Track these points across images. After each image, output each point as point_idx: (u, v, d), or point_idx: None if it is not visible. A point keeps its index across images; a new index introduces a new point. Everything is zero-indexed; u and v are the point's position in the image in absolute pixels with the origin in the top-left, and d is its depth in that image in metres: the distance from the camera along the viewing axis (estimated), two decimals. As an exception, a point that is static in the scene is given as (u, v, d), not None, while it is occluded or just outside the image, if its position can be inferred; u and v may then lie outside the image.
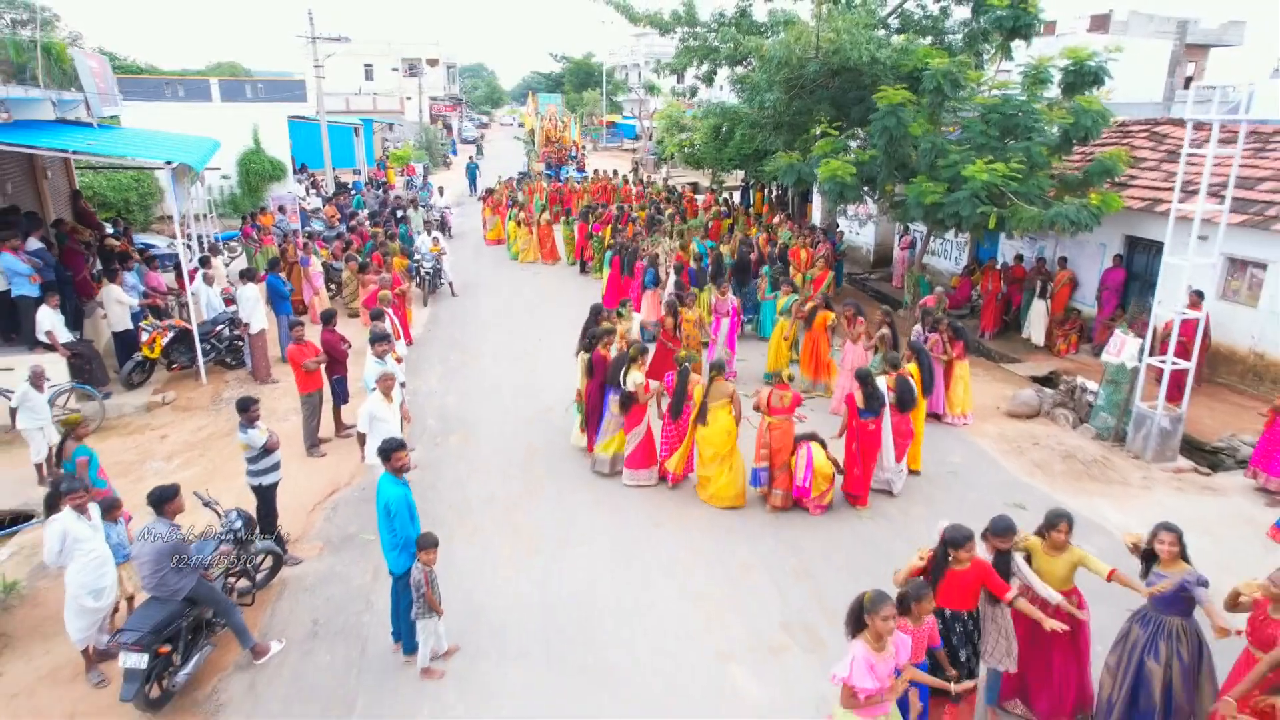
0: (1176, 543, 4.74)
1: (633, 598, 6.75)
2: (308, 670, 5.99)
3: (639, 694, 5.66)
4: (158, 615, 5.51)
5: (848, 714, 4.32)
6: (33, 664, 6.10)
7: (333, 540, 7.71)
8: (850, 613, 4.31)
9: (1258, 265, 11.28)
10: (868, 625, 4.19)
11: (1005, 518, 4.97)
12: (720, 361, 8.59)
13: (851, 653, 4.19)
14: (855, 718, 4.28)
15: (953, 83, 12.10)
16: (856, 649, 4.19)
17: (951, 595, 4.86)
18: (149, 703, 5.54)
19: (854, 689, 4.13)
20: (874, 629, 4.17)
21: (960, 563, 4.80)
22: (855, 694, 4.16)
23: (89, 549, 5.86)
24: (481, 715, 5.49)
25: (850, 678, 4.13)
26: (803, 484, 7.92)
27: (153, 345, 11.31)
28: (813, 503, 8.01)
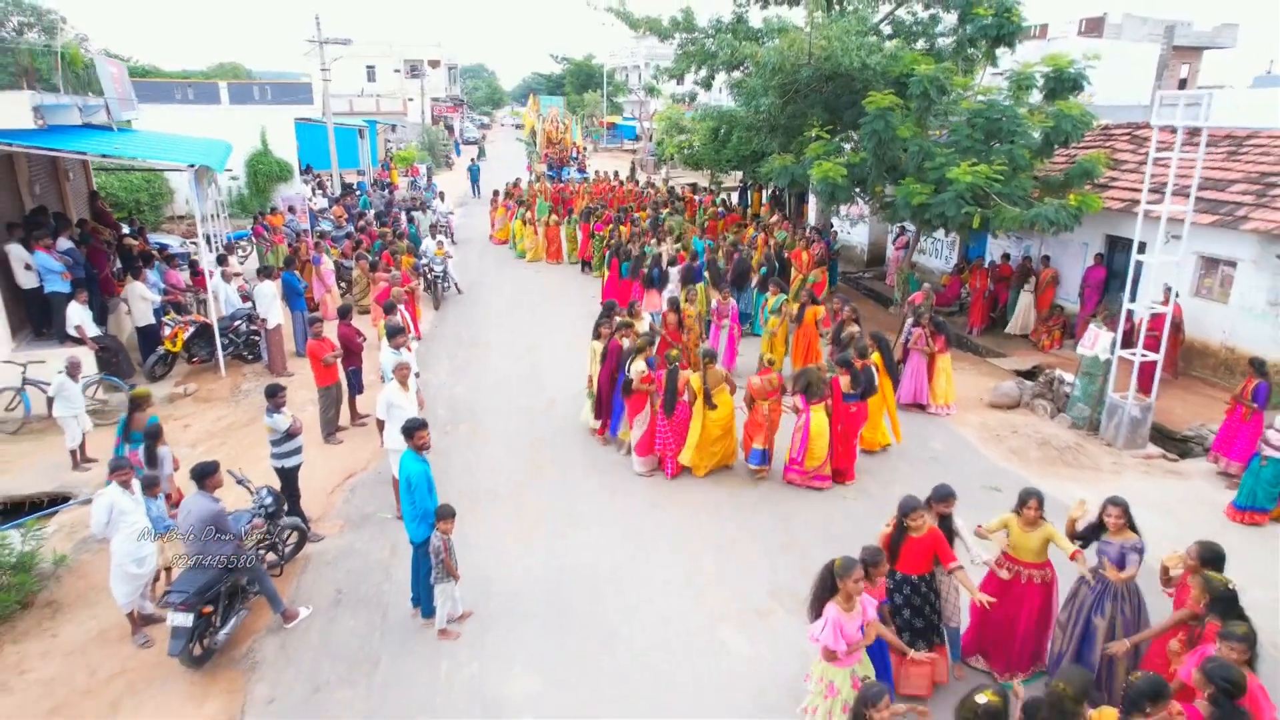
0: (1123, 515, 5.29)
1: (632, 569, 7.30)
2: (334, 633, 6.54)
3: (637, 652, 6.21)
4: (200, 580, 6.05)
5: (825, 666, 4.87)
6: (83, 627, 6.65)
7: (352, 519, 8.27)
8: (821, 579, 4.85)
9: (1228, 264, 11.81)
10: (839, 589, 4.73)
11: (945, 486, 5.63)
12: (711, 350, 9.16)
13: (826, 615, 4.73)
14: (832, 669, 4.83)
15: (938, 88, 12.64)
16: (829, 611, 4.73)
17: (907, 561, 5.39)
18: (192, 659, 6.08)
19: (823, 645, 4.69)
20: (845, 591, 4.72)
21: (917, 530, 5.35)
22: (833, 653, 4.71)
23: (132, 521, 6.41)
24: (495, 671, 6.04)
25: (822, 639, 4.68)
26: (797, 456, 8.50)
27: (175, 339, 11.86)
28: (807, 476, 8.59)
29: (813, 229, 18.64)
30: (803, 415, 8.58)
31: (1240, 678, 3.86)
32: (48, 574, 7.09)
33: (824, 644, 4.66)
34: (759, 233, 17.77)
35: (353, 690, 5.90)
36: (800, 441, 8.59)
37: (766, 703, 5.68)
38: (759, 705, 5.67)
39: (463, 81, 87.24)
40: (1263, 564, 7.49)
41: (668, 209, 21.23)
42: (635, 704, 5.69)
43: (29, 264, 10.79)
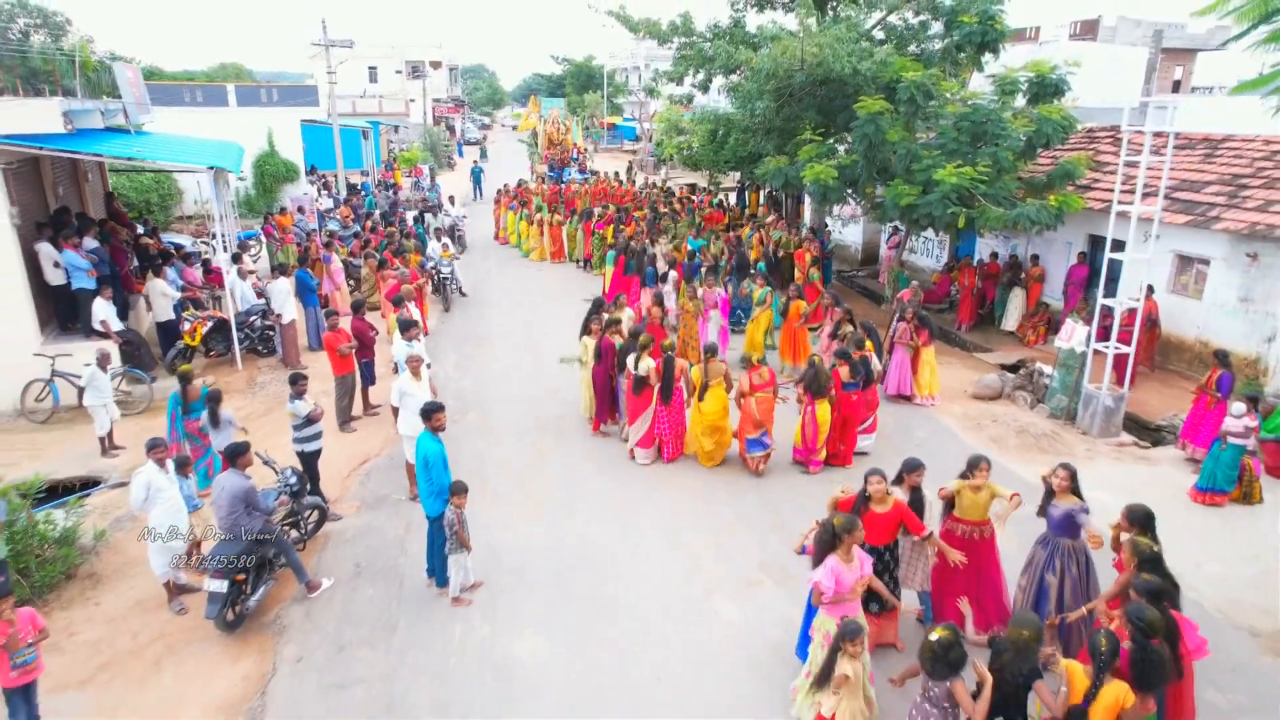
0: (1068, 478, 5.84)
1: (631, 546, 7.83)
2: (354, 601, 7.07)
3: (635, 618, 6.74)
4: (233, 550, 6.58)
5: (824, 618, 5.37)
6: (122, 597, 7.18)
7: (368, 500, 8.80)
8: (823, 536, 5.37)
9: (1202, 262, 12.34)
10: (842, 543, 5.27)
11: (913, 458, 6.16)
12: (714, 345, 9.70)
13: (827, 564, 5.26)
14: (828, 619, 5.33)
15: (925, 93, 13.16)
16: (830, 561, 5.27)
17: (871, 532, 5.90)
18: (226, 624, 6.61)
19: (817, 585, 5.21)
20: (846, 545, 5.26)
21: (881, 504, 5.87)
22: (821, 592, 5.23)
23: (168, 496, 6.94)
24: (505, 633, 6.57)
25: (818, 579, 5.21)
26: (811, 443, 9.04)
27: (194, 334, 12.39)
28: (813, 459, 9.17)
29: (808, 229, 19.17)
30: (809, 408, 9.09)
31: (1154, 618, 4.40)
32: (88, 548, 7.62)
33: (817, 582, 5.18)
34: (754, 232, 18.29)
35: (373, 651, 6.43)
36: (812, 434, 9.13)
37: (755, 663, 6.21)
38: (748, 665, 6.20)
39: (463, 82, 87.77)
40: (1219, 542, 8.01)
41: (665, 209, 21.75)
42: (634, 663, 6.23)
43: (57, 262, 11.32)
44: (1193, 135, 14.32)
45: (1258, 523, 8.39)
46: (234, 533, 6.65)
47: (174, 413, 8.40)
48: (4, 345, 10.71)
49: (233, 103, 27.15)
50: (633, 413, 9.61)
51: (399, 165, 37.74)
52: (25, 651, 5.31)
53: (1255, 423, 8.47)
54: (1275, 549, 7.83)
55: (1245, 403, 8.44)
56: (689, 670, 6.14)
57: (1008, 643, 4.59)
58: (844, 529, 5.27)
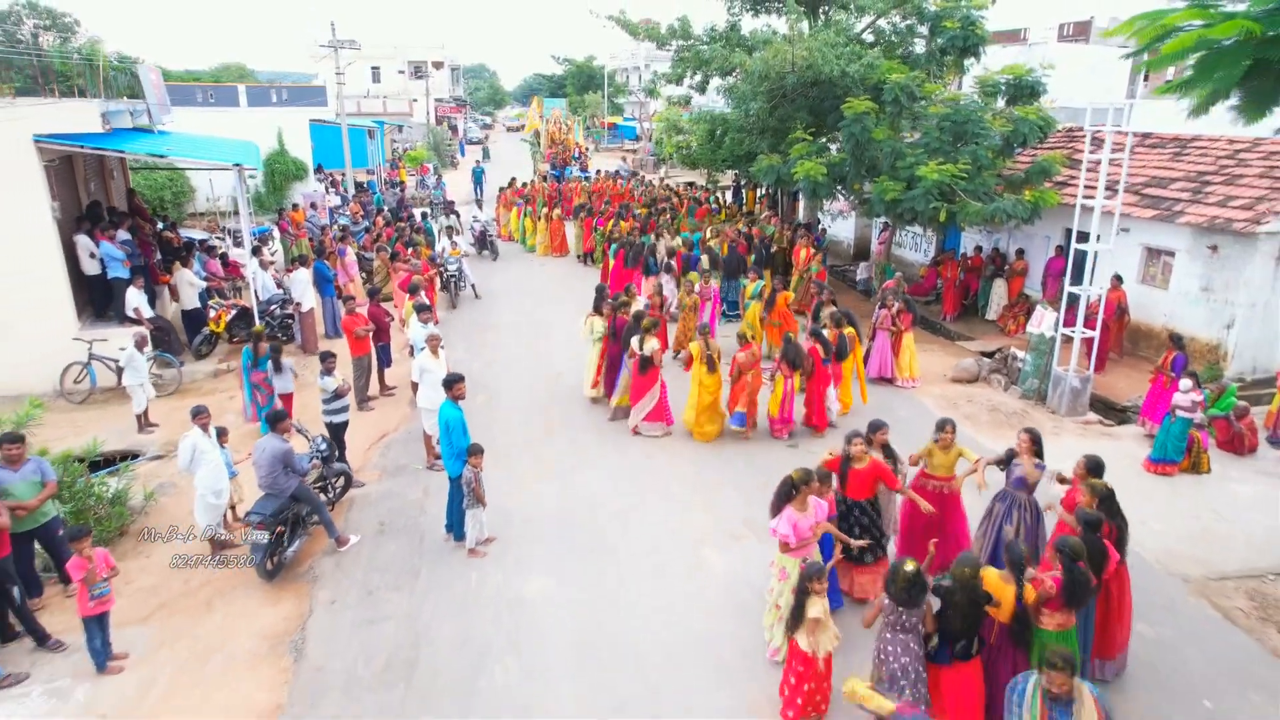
0: (1030, 441, 6.60)
1: (629, 504, 8.62)
2: (380, 554, 7.84)
3: (632, 565, 7.52)
4: (272, 505, 7.35)
5: (783, 557, 6.15)
6: (171, 551, 7.94)
7: (388, 469, 9.58)
8: (781, 487, 6.12)
9: (1168, 254, 13.09)
10: (798, 494, 6.02)
11: (876, 419, 7.00)
12: (705, 324, 10.52)
13: (783, 514, 6.02)
14: (788, 559, 6.10)
15: (909, 94, 13.93)
16: (786, 511, 6.02)
17: (854, 488, 6.67)
18: (266, 573, 7.38)
19: (780, 536, 5.97)
20: (802, 496, 6.01)
21: (860, 461, 6.64)
22: (785, 541, 5.99)
23: (211, 459, 7.71)
24: (516, 577, 7.35)
25: (779, 529, 5.96)
26: (788, 414, 9.85)
27: (219, 321, 13.16)
28: (786, 427, 10.00)
29: (800, 225, 19.93)
30: (787, 380, 9.90)
31: (1077, 545, 5.17)
32: (138, 509, 8.40)
33: (780, 533, 5.94)
34: (748, 227, 19.05)
35: (399, 594, 7.20)
36: (789, 405, 9.96)
37: (737, 602, 6.98)
38: (731, 604, 6.97)
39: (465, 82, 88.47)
40: (1164, 504, 8.79)
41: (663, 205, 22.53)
42: (630, 601, 7.00)
43: (93, 252, 12.10)
44: (1164, 135, 15.08)
45: (1203, 490, 9.16)
46: (273, 490, 7.43)
47: (245, 366, 10.05)
48: (45, 331, 11.48)
49: (244, 103, 28.00)
50: (638, 391, 10.34)
51: (403, 164, 38.50)
52: (101, 585, 6.10)
53: (1201, 398, 9.23)
54: (1214, 511, 8.60)
55: (1190, 379, 9.20)
56: (680, 607, 6.91)
57: (955, 584, 5.29)
58: (801, 481, 6.00)
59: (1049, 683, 4.15)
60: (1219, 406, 10.29)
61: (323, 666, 6.34)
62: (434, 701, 5.93)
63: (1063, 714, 4.15)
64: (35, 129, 10.81)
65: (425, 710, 5.85)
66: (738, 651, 6.35)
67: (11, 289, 11.13)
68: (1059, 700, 4.15)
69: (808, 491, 6.02)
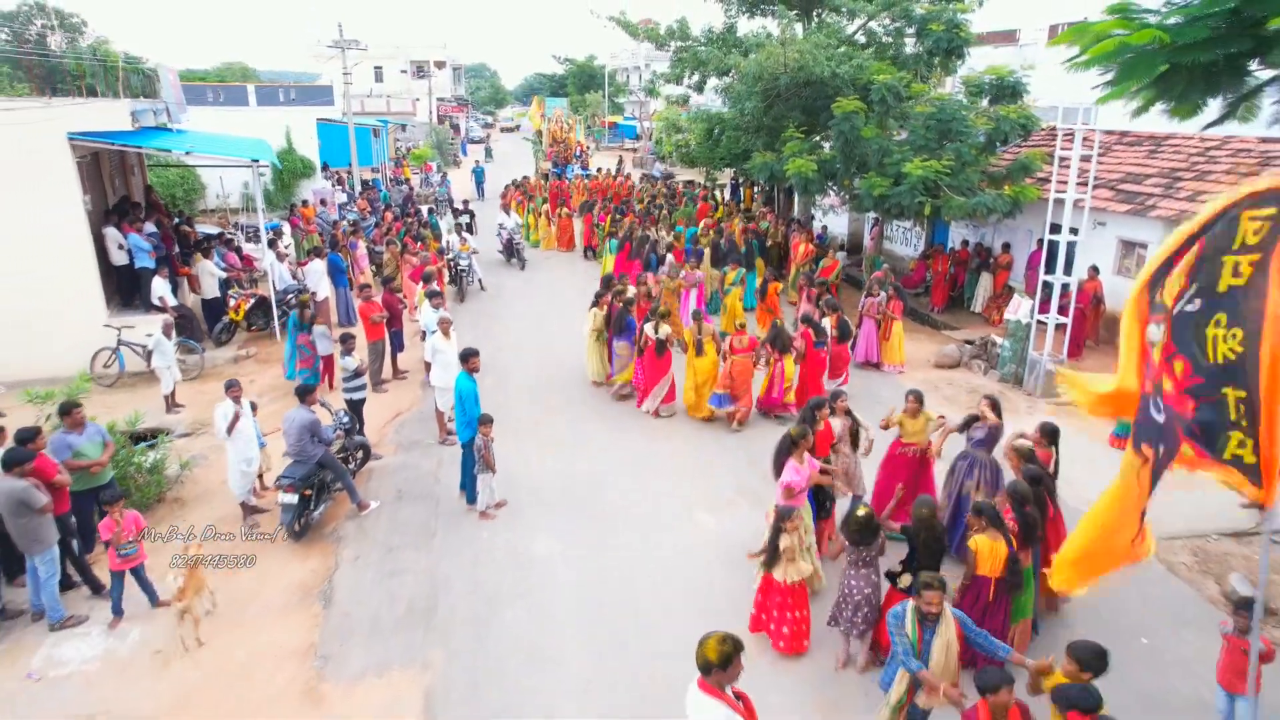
0: (991, 405, 7.28)
1: (628, 476, 9.29)
2: (399, 517, 8.52)
3: (631, 527, 8.19)
4: (301, 471, 8.02)
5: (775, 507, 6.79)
6: (204, 516, 8.60)
7: (403, 444, 10.26)
8: (782, 444, 6.79)
9: (1141, 246, 13.75)
10: (797, 449, 6.69)
11: (837, 389, 7.67)
12: (699, 310, 11.18)
13: (789, 465, 6.68)
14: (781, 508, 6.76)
15: (895, 94, 14.60)
16: (791, 463, 6.69)
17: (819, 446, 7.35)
18: (294, 533, 8.04)
19: (790, 484, 6.62)
20: (800, 449, 6.69)
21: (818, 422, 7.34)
22: (794, 488, 6.63)
23: (243, 428, 8.37)
24: (524, 537, 8.03)
25: (787, 479, 6.63)
26: (779, 393, 10.50)
27: (238, 310, 13.84)
28: (778, 405, 10.62)
29: (795, 220, 20.59)
30: (777, 363, 10.57)
31: (1024, 490, 5.85)
32: (173, 478, 9.06)
33: (787, 482, 6.60)
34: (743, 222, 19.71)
35: (417, 552, 7.88)
36: (780, 385, 10.62)
37: (727, 557, 7.65)
38: (721, 558, 7.64)
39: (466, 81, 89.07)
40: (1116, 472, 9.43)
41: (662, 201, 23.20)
42: (628, 557, 7.68)
43: (122, 244, 12.77)
44: (1141, 133, 15.74)
45: (1164, 462, 9.80)
46: (301, 457, 8.09)
47: (291, 328, 11.28)
48: (76, 318, 12.13)
49: (253, 102, 28.65)
50: (653, 376, 10.99)
51: (407, 162, 39.18)
52: (127, 545, 6.68)
53: (1160, 376, 9.89)
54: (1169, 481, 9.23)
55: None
56: (674, 561, 7.59)
57: (916, 525, 5.97)
58: (799, 436, 6.71)
59: (925, 603, 4.77)
60: (1183, 388, 10.96)
61: (350, 612, 7.01)
62: (452, 641, 6.60)
63: (930, 631, 4.80)
64: (69, 127, 11.48)
65: (443, 648, 6.52)
66: (726, 597, 7.01)
67: (45, 279, 11.78)
68: (929, 618, 4.80)
69: (804, 446, 6.72)
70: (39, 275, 11.73)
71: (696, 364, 10.77)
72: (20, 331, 11.77)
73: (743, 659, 3.85)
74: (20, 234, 11.55)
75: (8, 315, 11.64)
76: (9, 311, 11.62)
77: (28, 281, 11.66)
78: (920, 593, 4.78)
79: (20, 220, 11.52)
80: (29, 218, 11.55)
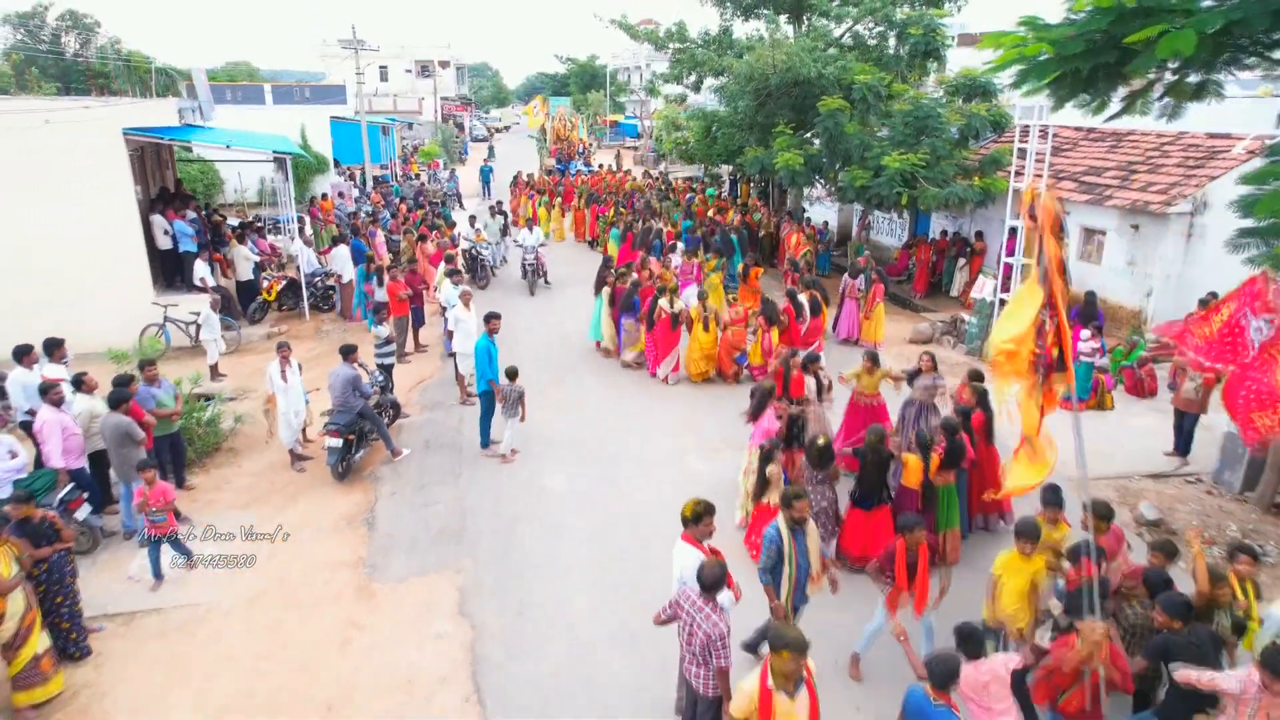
0: (931, 361, 8.50)
1: (628, 428, 10.55)
2: (427, 461, 9.76)
3: (631, 468, 9.45)
4: (344, 419, 9.24)
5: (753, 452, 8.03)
6: (256, 463, 9.85)
7: (428, 405, 11.51)
8: (760, 397, 8.04)
9: (1100, 233, 14.97)
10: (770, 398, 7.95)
11: (811, 353, 8.85)
12: (702, 291, 12.48)
13: (769, 413, 7.92)
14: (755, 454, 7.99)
15: (875, 93, 15.82)
16: (769, 412, 7.93)
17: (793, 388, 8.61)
18: (338, 475, 9.28)
19: (765, 429, 7.86)
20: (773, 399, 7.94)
21: (794, 369, 8.58)
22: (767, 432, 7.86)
23: (291, 384, 9.59)
24: (539, 474, 9.29)
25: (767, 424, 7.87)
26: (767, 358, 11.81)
27: (271, 291, 15.08)
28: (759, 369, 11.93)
29: (787, 213, 21.81)
30: (764, 333, 11.81)
31: (953, 422, 7.08)
32: (228, 431, 10.30)
33: (765, 427, 7.84)
34: (736, 215, 20.96)
35: (445, 487, 9.12)
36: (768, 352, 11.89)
37: (715, 493, 8.70)
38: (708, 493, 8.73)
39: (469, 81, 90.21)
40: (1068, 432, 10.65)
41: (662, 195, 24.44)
42: (628, 491, 8.93)
43: (166, 230, 14.01)
44: (1104, 130, 16.93)
45: (1104, 422, 11.02)
46: (344, 408, 9.33)
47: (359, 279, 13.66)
48: (127, 297, 13.34)
49: (269, 101, 29.91)
50: (667, 346, 12.27)
51: (415, 159, 40.41)
52: (156, 513, 7.36)
53: (1099, 344, 11.12)
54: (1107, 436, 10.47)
55: (1090, 329, 11.08)
56: (667, 495, 8.76)
57: (866, 447, 7.21)
58: (770, 389, 7.98)
59: (795, 511, 5.66)
60: (1129, 359, 12.21)
61: (391, 534, 8.25)
62: (479, 553, 7.84)
63: (800, 535, 5.72)
64: (124, 122, 12.71)
65: (472, 558, 7.75)
66: (712, 522, 8.24)
67: (100, 261, 13.00)
68: (798, 525, 5.71)
69: (777, 404, 7.99)
70: (95, 257, 12.95)
71: (701, 337, 12.06)
72: (76, 308, 12.96)
73: (713, 521, 5.10)
74: (79, 220, 12.76)
75: (66, 293, 12.83)
76: (68, 290, 12.82)
77: (85, 263, 12.87)
78: (792, 504, 5.70)
79: (79, 207, 12.73)
80: (87, 205, 12.76)
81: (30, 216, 12.53)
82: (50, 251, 12.60)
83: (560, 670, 6.28)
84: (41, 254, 12.56)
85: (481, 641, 6.56)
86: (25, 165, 12.38)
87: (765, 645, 4.84)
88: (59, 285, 12.63)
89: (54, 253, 12.62)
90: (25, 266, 12.50)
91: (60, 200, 12.56)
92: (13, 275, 12.42)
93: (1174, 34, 5.22)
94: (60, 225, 12.65)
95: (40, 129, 12.24)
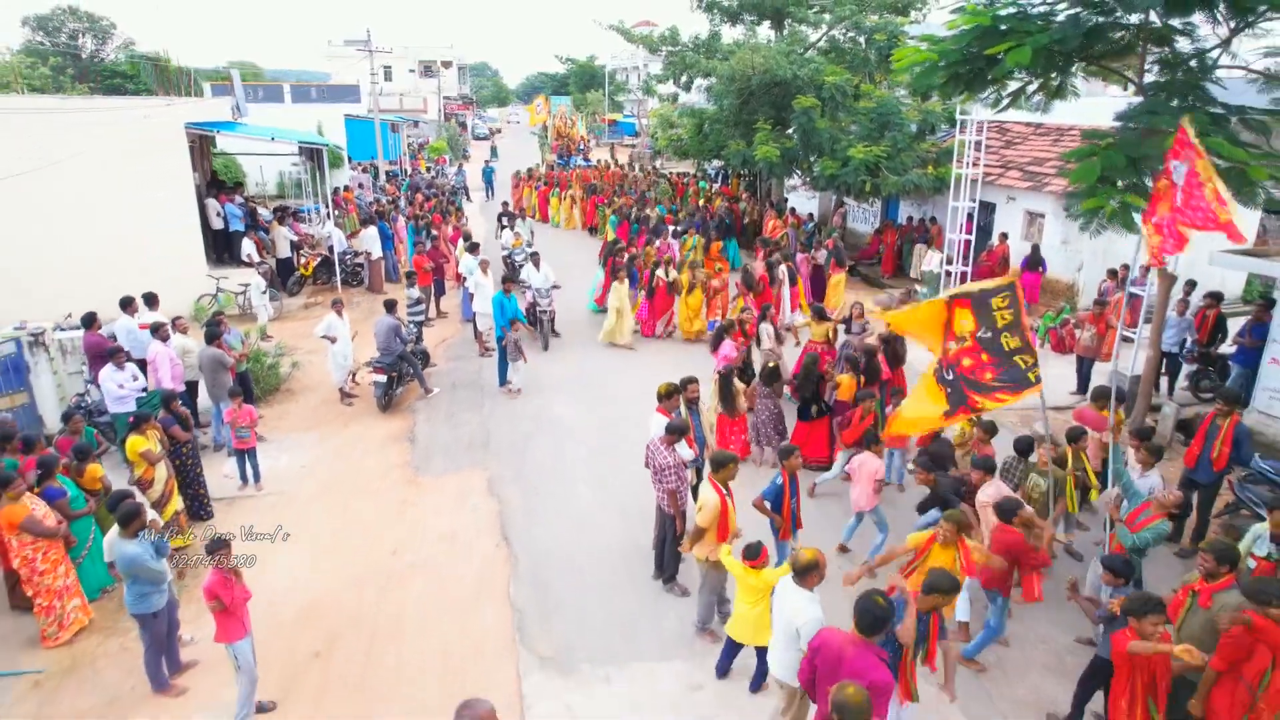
0: (859, 309, 10.52)
1: (620, 376, 12.54)
2: (455, 397, 11.76)
3: (624, 404, 11.39)
4: (387, 360, 11.22)
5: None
6: (310, 401, 11.82)
7: (452, 357, 13.52)
8: (719, 331, 10.04)
9: (1040, 216, 16.96)
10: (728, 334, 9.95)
11: (767, 305, 10.81)
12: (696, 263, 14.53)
13: (726, 344, 9.92)
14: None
15: (842, 92, 17.81)
16: (727, 340, 9.93)
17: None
18: (381, 407, 11.26)
19: (725, 356, 9.85)
20: (732, 333, 9.94)
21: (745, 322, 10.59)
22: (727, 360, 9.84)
23: (343, 332, 11.55)
24: (547, 405, 11.29)
25: (726, 353, 9.87)
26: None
27: (307, 266, 17.05)
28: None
29: (770, 202, 23.77)
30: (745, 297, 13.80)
31: (871, 346, 9.08)
32: (285, 375, 12.28)
33: (727, 356, 9.82)
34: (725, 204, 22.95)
35: (471, 413, 11.13)
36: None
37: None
38: (686, 419, 10.86)
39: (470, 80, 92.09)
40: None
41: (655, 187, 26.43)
42: (623, 416, 10.90)
43: (219, 212, 15.98)
44: (1050, 125, 18.92)
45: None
46: (387, 351, 11.29)
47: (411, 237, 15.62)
48: (185, 270, 15.25)
49: (288, 100, 31.88)
50: (661, 309, 14.40)
51: (422, 156, 42.39)
52: (244, 429, 9.43)
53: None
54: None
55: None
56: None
57: (804, 370, 9.20)
58: (728, 326, 9.99)
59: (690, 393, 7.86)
60: (1055, 321, 14.22)
61: (429, 445, 10.24)
62: (500, 458, 9.84)
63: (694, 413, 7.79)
64: (186, 118, 14.68)
65: (495, 461, 9.75)
66: (687, 436, 10.22)
67: (164, 238, 14.93)
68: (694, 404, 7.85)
69: (733, 332, 10.00)
70: (160, 234, 14.86)
71: (689, 300, 14.10)
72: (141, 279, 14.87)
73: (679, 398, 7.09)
74: (145, 203, 14.69)
75: (133, 266, 14.71)
76: (134, 263, 14.70)
77: (151, 238, 14.78)
78: (686, 387, 7.85)
79: (146, 192, 14.66)
80: (155, 189, 14.69)
81: (107, 199, 14.45)
82: (124, 229, 14.52)
83: (568, 528, 8.28)
84: (117, 231, 14.48)
85: (507, 510, 8.57)
86: (104, 155, 14.29)
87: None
88: (130, 257, 14.53)
89: (127, 230, 14.53)
90: (104, 238, 14.41)
91: (133, 185, 14.48)
92: (93, 245, 14.33)
93: (1017, 49, 7.21)
94: (133, 207, 14.59)
95: (115, 125, 14.18)
